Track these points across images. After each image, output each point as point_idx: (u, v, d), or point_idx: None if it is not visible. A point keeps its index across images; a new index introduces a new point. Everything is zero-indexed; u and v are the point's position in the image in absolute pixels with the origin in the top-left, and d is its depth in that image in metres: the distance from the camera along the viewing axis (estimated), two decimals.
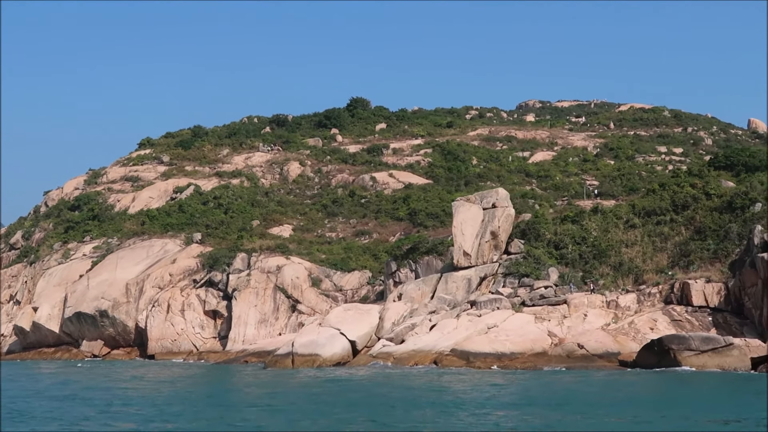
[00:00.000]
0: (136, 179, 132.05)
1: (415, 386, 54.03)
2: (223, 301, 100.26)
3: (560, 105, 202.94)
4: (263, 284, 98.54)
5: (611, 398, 46.94)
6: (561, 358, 68.42)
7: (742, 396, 46.16)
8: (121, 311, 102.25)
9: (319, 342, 73.31)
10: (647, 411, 41.53)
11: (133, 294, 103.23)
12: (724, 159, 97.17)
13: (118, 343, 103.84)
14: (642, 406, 43.46)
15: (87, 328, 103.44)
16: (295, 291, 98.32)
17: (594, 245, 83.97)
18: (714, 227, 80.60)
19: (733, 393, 47.36)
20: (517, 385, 54.62)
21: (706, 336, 63.29)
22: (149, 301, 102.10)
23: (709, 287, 74.38)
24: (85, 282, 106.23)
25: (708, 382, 53.02)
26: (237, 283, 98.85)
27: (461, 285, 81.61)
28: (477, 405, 43.96)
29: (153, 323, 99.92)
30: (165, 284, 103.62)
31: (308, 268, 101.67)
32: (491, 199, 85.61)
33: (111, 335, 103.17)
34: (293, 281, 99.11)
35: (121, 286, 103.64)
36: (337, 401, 46.67)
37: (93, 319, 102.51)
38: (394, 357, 70.20)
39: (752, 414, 39.74)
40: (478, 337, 71.18)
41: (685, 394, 48.03)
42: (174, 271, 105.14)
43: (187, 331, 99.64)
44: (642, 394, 48.96)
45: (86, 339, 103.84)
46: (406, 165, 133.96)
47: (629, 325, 71.84)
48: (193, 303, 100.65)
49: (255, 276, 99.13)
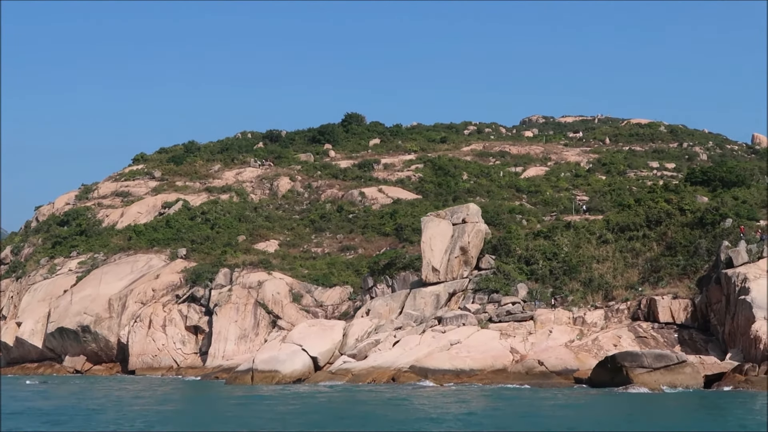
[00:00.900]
0: (126, 194, 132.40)
1: (341, 404, 53.73)
2: (204, 317, 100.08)
3: (564, 120, 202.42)
4: (244, 300, 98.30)
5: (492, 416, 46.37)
6: (520, 375, 67.71)
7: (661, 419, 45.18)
8: (103, 326, 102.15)
9: (279, 358, 72.83)
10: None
11: (115, 309, 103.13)
12: (701, 174, 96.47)
13: (101, 359, 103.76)
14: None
15: (69, 344, 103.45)
16: (276, 306, 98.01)
17: (565, 261, 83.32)
18: (684, 243, 79.86)
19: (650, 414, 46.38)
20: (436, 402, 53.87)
21: (658, 353, 62.46)
22: (131, 316, 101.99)
23: (675, 303, 73.63)
24: (68, 297, 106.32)
25: (635, 402, 51.73)
26: (218, 298, 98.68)
27: (429, 301, 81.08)
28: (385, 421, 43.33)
29: (134, 338, 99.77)
30: (148, 299, 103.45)
31: (289, 283, 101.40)
32: (461, 215, 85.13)
33: (93, 351, 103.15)
34: (274, 297, 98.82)
35: (103, 302, 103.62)
36: (234, 418, 46.31)
37: (75, 334, 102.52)
38: (352, 374, 69.59)
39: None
40: (439, 353, 70.59)
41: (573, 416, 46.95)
42: (157, 287, 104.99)
43: (167, 347, 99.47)
44: (543, 413, 48.19)
45: (69, 354, 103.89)
46: (396, 180, 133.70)
47: (593, 342, 71.11)
48: (174, 318, 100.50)
49: (236, 291, 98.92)
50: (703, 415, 45.46)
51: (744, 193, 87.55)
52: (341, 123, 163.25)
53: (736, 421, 42.51)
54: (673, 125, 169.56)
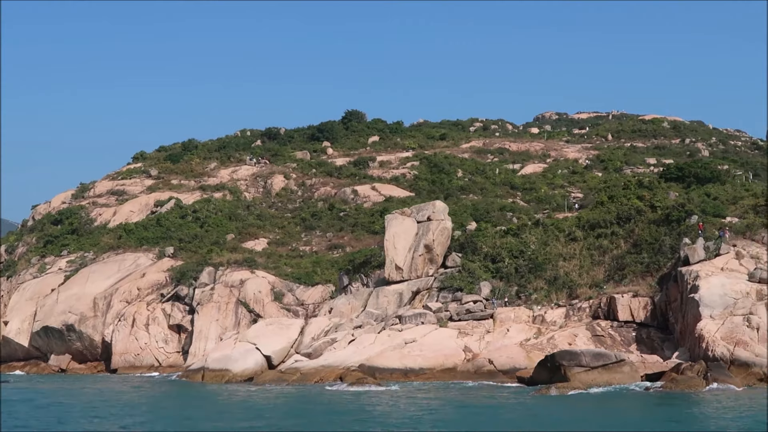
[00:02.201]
0: (121, 193, 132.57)
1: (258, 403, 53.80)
2: (188, 316, 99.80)
3: (577, 117, 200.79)
4: (226, 298, 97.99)
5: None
6: (468, 374, 67.38)
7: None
8: (87, 325, 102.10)
9: (232, 357, 72.73)
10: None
11: (100, 308, 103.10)
12: (675, 171, 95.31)
13: (86, 358, 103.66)
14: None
15: (55, 342, 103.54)
16: (257, 305, 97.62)
17: (531, 259, 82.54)
18: (650, 240, 79.00)
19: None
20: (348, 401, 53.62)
21: (597, 352, 61.73)
22: (116, 315, 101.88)
23: (635, 302, 72.96)
24: (54, 296, 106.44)
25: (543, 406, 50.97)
26: (200, 297, 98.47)
27: (392, 299, 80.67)
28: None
29: (118, 337, 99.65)
30: (133, 298, 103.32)
31: (272, 282, 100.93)
32: (426, 212, 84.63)
33: (78, 349, 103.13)
34: (255, 295, 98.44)
35: (88, 301, 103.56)
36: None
37: (60, 333, 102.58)
38: (301, 372, 69.32)
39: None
40: (392, 352, 70.24)
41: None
42: (142, 285, 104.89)
43: (150, 346, 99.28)
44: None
45: (54, 353, 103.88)
46: (391, 178, 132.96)
47: (548, 341, 70.46)
48: (158, 317, 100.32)
49: (218, 290, 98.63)
50: (584, 415, 45.44)
51: (716, 190, 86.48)
52: (341, 120, 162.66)
53: (615, 419, 43.20)
54: (677, 121, 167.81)
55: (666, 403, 49.44)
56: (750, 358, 58.80)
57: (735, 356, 59.18)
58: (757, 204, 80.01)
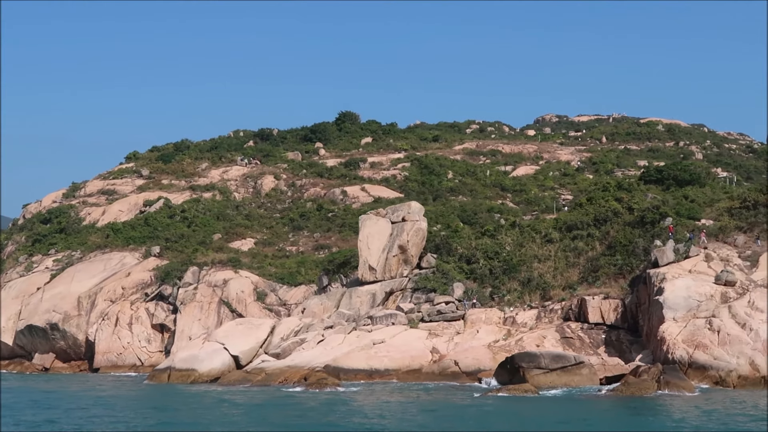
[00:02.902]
0: (112, 193, 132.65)
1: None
2: (171, 315, 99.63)
3: (578, 119, 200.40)
4: (208, 298, 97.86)
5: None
6: (432, 375, 67.03)
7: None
8: (71, 324, 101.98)
9: (199, 357, 72.51)
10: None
11: (84, 307, 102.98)
12: (655, 173, 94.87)
13: (70, 357, 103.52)
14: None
15: (39, 341, 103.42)
16: (240, 305, 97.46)
17: (505, 260, 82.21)
18: (624, 242, 78.59)
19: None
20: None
21: (556, 354, 61.37)
22: (100, 314, 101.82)
23: (606, 304, 72.52)
24: (39, 295, 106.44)
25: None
26: (183, 296, 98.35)
27: (365, 300, 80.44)
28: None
29: (101, 336, 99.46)
30: (117, 297, 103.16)
31: (255, 282, 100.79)
32: (401, 213, 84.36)
33: (62, 348, 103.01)
34: (238, 295, 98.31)
35: (73, 300, 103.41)
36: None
37: (44, 332, 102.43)
38: (266, 373, 68.90)
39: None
40: (358, 353, 69.90)
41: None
42: (127, 285, 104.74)
43: (133, 345, 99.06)
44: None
45: (38, 352, 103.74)
46: (381, 179, 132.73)
47: (516, 343, 70.02)
48: (141, 316, 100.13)
49: (201, 290, 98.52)
50: (502, 418, 45.33)
51: (695, 192, 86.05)
52: (335, 122, 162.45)
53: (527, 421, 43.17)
54: (672, 124, 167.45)
55: (599, 408, 49.01)
56: (708, 361, 58.37)
57: (693, 359, 58.76)
58: (732, 207, 79.57)
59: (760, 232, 74.69)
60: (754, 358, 58.03)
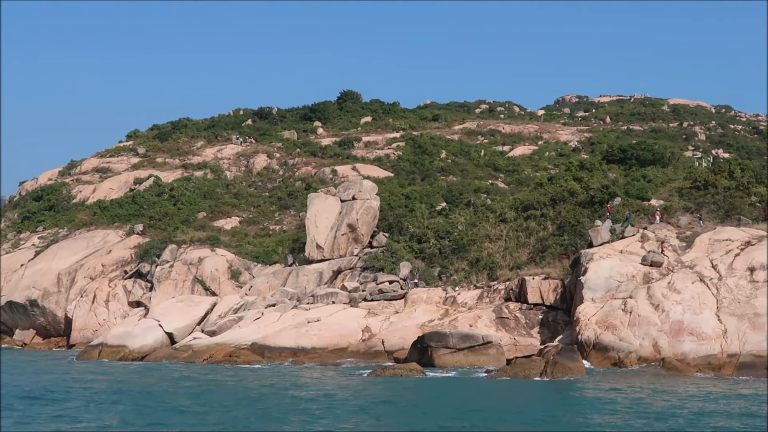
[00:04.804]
0: (106, 171, 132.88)
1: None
2: (148, 293, 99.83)
3: (599, 100, 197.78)
4: (183, 276, 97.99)
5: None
6: (357, 354, 66.67)
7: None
8: (51, 301, 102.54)
9: (132, 333, 72.56)
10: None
11: (64, 284, 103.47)
12: (619, 152, 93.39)
13: (50, 333, 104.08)
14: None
15: (19, 317, 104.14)
16: (213, 283, 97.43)
17: (455, 240, 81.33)
18: (573, 222, 77.48)
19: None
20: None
21: (464, 333, 60.66)
22: (79, 291, 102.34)
23: (546, 284, 71.47)
24: (21, 271, 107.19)
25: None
26: (159, 274, 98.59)
27: (312, 278, 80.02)
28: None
29: (78, 313, 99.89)
30: (97, 274, 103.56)
31: (230, 260, 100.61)
32: (352, 192, 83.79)
33: (42, 325, 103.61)
34: (212, 273, 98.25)
35: (53, 276, 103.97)
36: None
37: (24, 308, 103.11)
38: (193, 350, 68.81)
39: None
40: (290, 330, 69.51)
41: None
42: (107, 262, 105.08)
43: (108, 322, 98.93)
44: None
45: (19, 328, 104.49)
46: (375, 158, 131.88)
47: (450, 322, 69.20)
48: (118, 294, 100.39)
49: (177, 267, 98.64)
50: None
51: (654, 172, 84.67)
52: (336, 101, 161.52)
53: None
54: (677, 104, 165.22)
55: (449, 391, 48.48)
56: (612, 342, 57.40)
57: (599, 340, 57.84)
58: (683, 187, 78.15)
59: (707, 212, 73.34)
60: (658, 339, 56.96)
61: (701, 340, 56.44)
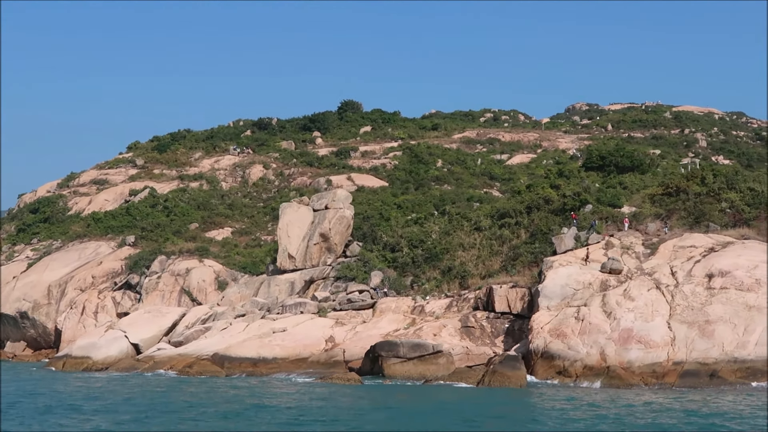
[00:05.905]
0: (104, 182, 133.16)
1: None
2: (137, 304, 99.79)
3: (609, 108, 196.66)
4: (170, 287, 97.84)
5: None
6: (317, 364, 66.23)
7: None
8: (41, 313, 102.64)
9: (97, 344, 72.46)
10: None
11: (54, 296, 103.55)
12: (598, 159, 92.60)
13: (40, 345, 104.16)
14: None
15: (10, 329, 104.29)
16: (200, 294, 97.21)
17: (428, 249, 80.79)
18: (545, 230, 76.82)
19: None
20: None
21: (415, 343, 60.11)
22: (69, 303, 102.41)
23: (513, 292, 70.79)
24: (13, 284, 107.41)
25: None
26: (147, 285, 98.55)
27: (284, 288, 79.71)
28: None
29: (67, 325, 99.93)
30: (87, 286, 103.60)
31: (217, 271, 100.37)
32: (325, 201, 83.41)
33: (33, 336, 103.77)
34: (199, 284, 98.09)
35: (43, 288, 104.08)
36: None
37: (14, 320, 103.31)
38: (154, 361, 68.72)
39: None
40: (253, 341, 69.12)
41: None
42: (98, 273, 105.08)
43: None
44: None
45: (10, 340, 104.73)
46: (371, 168, 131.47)
47: (414, 332, 68.53)
48: (107, 305, 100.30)
49: (164, 278, 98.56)
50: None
51: (631, 179, 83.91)
52: (337, 111, 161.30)
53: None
54: (680, 111, 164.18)
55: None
56: (559, 351, 56.70)
57: (547, 349, 57.15)
58: (655, 194, 77.35)
59: (676, 219, 72.54)
60: (606, 347, 56.18)
61: (648, 348, 55.58)
